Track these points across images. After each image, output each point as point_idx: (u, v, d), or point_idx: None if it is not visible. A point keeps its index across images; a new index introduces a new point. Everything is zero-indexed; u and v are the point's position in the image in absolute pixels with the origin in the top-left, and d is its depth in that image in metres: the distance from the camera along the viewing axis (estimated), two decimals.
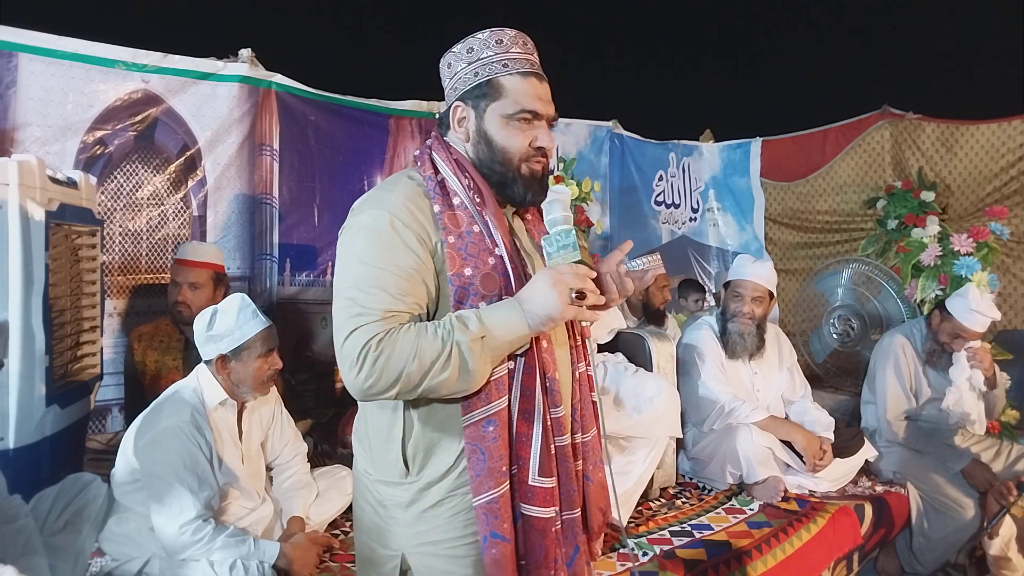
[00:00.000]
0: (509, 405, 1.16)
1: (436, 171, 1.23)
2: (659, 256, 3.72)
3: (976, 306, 2.87)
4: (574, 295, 1.09)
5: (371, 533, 1.29)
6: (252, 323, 2.01)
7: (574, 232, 1.15)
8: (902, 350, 3.11)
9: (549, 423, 1.20)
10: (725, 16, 6.52)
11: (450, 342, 1.07)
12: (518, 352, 1.17)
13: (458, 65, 1.23)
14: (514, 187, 1.23)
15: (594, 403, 1.35)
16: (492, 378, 1.14)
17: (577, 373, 1.31)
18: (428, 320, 1.16)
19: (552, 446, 1.20)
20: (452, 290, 1.15)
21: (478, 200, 1.21)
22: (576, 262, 1.13)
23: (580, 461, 1.31)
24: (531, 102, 1.20)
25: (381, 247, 1.13)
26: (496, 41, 1.21)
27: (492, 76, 1.20)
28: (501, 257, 1.18)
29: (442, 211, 1.18)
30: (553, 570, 1.18)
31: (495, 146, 1.22)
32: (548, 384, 1.20)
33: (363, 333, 1.07)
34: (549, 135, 1.24)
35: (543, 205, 1.22)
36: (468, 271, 1.15)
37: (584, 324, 1.15)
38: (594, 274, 1.15)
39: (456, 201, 1.20)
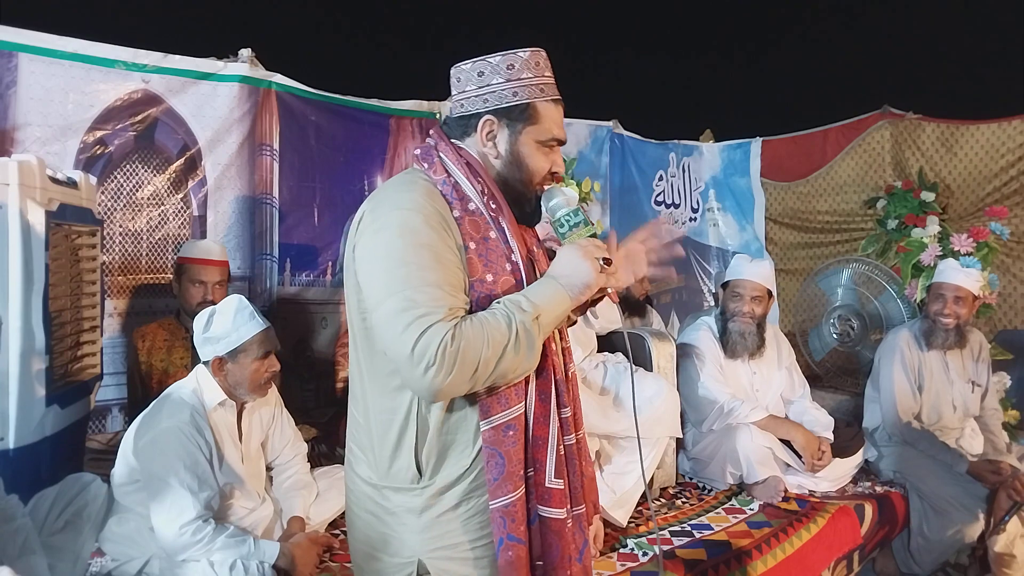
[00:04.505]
0: (526, 409, 1.19)
1: (448, 174, 1.22)
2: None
3: (946, 267, 3.13)
4: (602, 263, 1.16)
5: (373, 543, 1.25)
6: (249, 325, 2.01)
7: (581, 210, 1.23)
8: (907, 345, 3.13)
9: (559, 424, 1.24)
10: (725, 16, 6.51)
11: (515, 324, 1.09)
12: None
13: (494, 78, 1.21)
14: (526, 205, 1.27)
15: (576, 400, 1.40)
16: (511, 384, 1.16)
17: (570, 373, 1.35)
18: None
19: (562, 447, 1.24)
20: (475, 296, 1.15)
21: (493, 206, 1.22)
22: (591, 236, 1.21)
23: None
24: (559, 131, 1.26)
25: (423, 246, 1.11)
26: (535, 63, 1.23)
27: (532, 100, 1.22)
28: (517, 264, 1.20)
29: (461, 216, 1.18)
30: (568, 568, 1.20)
31: (524, 167, 1.25)
32: (558, 386, 1.24)
33: (436, 332, 1.05)
34: (562, 159, 1.31)
35: (543, 194, 1.27)
36: (489, 277, 1.17)
37: (610, 290, 1.21)
38: (608, 246, 1.22)
39: (471, 207, 1.20)
